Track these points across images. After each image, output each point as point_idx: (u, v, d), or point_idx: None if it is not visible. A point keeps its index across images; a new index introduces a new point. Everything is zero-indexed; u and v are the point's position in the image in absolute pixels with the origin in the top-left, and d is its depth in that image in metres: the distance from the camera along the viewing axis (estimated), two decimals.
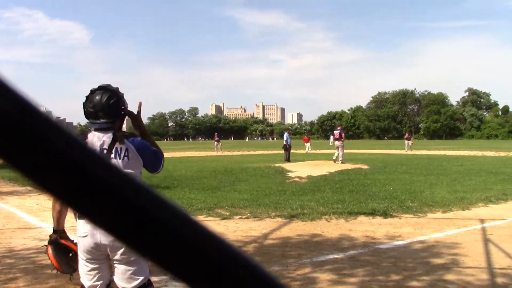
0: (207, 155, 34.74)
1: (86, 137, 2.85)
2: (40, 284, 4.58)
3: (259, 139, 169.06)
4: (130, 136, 2.90)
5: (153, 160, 2.94)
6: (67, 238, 3.03)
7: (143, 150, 2.86)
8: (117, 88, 2.95)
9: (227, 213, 8.49)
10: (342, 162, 21.13)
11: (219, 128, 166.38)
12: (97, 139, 2.83)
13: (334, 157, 22.13)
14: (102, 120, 2.83)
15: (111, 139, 2.82)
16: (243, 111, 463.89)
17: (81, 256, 2.86)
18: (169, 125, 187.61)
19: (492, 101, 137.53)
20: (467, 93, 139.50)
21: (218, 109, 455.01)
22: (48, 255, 3.05)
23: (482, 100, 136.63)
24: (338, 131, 22.76)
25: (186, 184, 13.15)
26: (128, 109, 3.01)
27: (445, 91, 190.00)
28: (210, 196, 10.61)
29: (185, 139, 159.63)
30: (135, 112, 3.06)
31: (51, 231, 5.03)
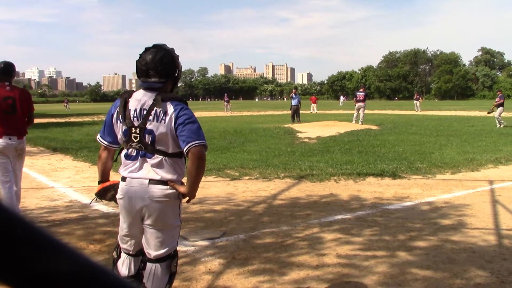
0: (216, 115, 34.73)
1: (131, 96, 2.80)
2: None
3: (269, 99, 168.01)
4: (174, 99, 2.75)
5: (187, 136, 2.67)
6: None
7: (180, 120, 2.68)
8: (173, 49, 2.83)
9: (237, 174, 8.55)
10: (362, 123, 21.19)
11: (229, 88, 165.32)
12: (139, 100, 2.75)
13: (354, 118, 22.11)
14: (153, 79, 2.76)
15: (153, 100, 2.73)
16: (252, 71, 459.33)
17: (120, 218, 2.89)
18: (178, 85, 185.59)
19: (506, 60, 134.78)
20: (480, 53, 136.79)
21: (228, 69, 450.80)
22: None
23: (495, 59, 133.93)
24: (363, 93, 22.96)
25: None
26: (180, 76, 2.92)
27: (457, 51, 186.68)
28: (220, 156, 10.67)
29: (191, 99, 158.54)
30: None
31: (63, 191, 5.12)
